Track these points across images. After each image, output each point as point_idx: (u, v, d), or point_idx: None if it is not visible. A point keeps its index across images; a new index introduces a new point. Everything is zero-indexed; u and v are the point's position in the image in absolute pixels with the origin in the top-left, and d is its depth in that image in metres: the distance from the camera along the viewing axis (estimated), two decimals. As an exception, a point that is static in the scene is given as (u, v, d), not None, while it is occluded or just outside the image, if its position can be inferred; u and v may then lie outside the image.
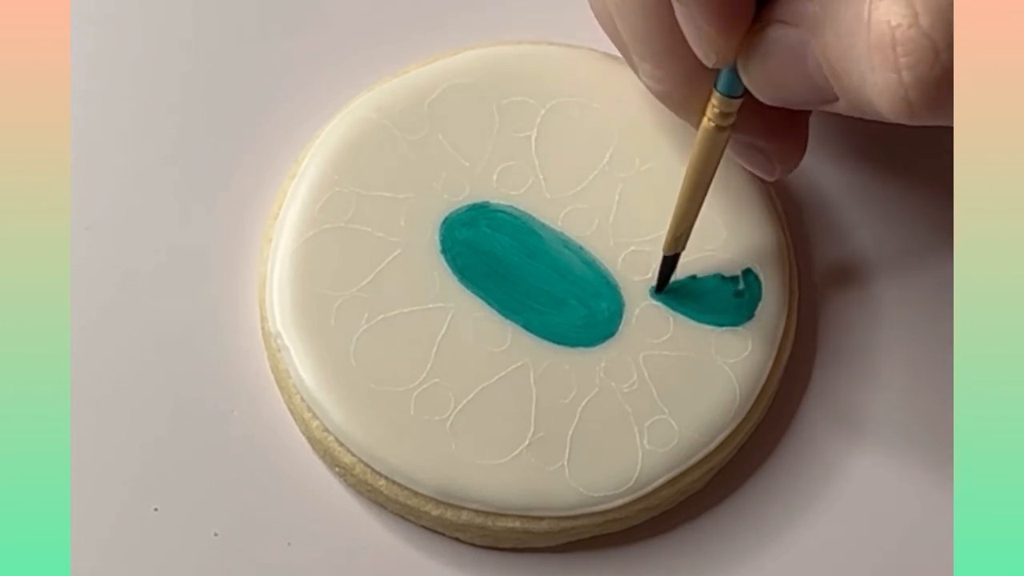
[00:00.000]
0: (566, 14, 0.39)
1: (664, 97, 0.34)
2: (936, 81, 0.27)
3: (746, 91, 0.31)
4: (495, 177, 0.36)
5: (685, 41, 0.31)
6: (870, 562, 0.35)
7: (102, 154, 0.37)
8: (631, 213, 0.36)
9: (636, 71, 0.34)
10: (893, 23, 0.27)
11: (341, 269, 0.35)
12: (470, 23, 0.39)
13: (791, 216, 0.37)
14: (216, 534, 0.34)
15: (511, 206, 0.36)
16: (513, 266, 0.35)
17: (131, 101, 0.38)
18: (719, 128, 0.32)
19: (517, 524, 0.33)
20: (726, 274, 0.35)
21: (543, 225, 0.35)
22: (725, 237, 0.36)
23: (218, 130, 0.38)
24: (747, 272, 0.35)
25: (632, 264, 0.35)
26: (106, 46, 0.38)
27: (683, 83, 0.33)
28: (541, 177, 0.36)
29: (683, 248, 0.34)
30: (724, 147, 0.32)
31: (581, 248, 0.35)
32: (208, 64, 0.38)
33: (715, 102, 0.31)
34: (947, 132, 0.27)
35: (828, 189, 0.38)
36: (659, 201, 0.36)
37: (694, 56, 0.31)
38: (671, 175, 0.36)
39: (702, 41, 0.30)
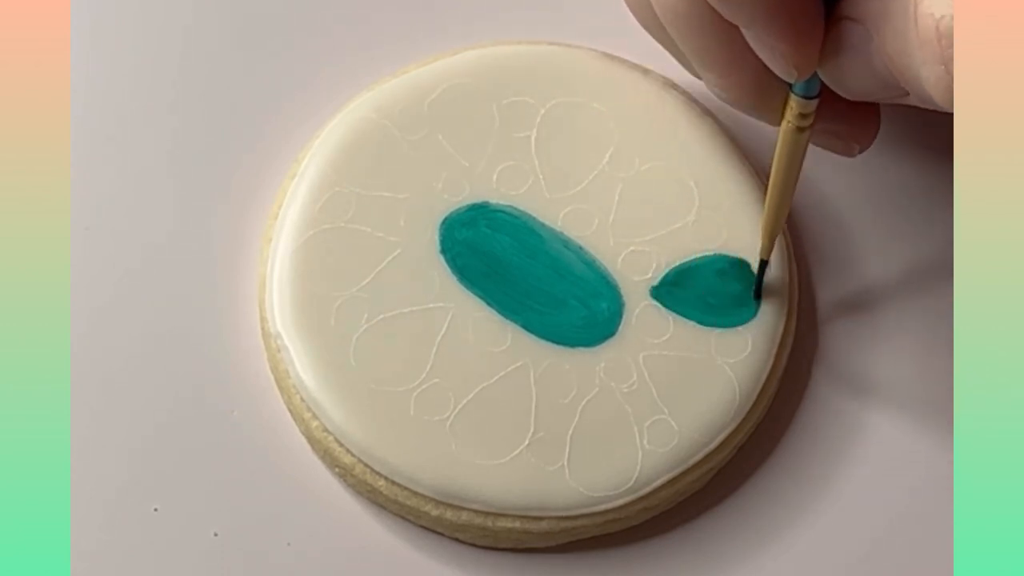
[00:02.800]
0: (566, 14, 0.39)
1: (734, 104, 0.33)
2: None
3: (823, 89, 0.31)
4: (495, 177, 0.36)
5: (748, 49, 0.30)
6: (870, 562, 0.35)
7: (102, 154, 0.37)
8: (631, 213, 0.36)
9: (700, 78, 0.34)
10: (937, 15, 0.26)
11: (341, 269, 0.35)
12: (470, 23, 0.39)
13: (791, 216, 0.37)
14: (216, 534, 0.34)
15: (511, 206, 0.36)
16: (513, 266, 0.35)
17: (131, 101, 0.38)
18: (799, 129, 0.32)
19: (517, 524, 0.33)
20: (726, 274, 0.35)
21: (543, 225, 0.35)
22: (725, 237, 0.36)
23: (218, 130, 0.38)
24: (747, 272, 0.35)
25: (632, 264, 0.35)
26: (106, 46, 0.38)
27: (751, 90, 0.32)
28: (541, 177, 0.36)
29: (770, 253, 0.35)
30: (806, 146, 0.32)
31: (581, 248, 0.35)
32: (208, 64, 0.38)
33: (793, 104, 0.31)
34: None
35: (828, 189, 0.38)
36: (659, 201, 0.36)
37: (759, 61, 0.30)
38: (671, 175, 0.36)
39: (779, 61, 0.30)
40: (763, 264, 0.35)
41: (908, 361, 0.36)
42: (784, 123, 0.32)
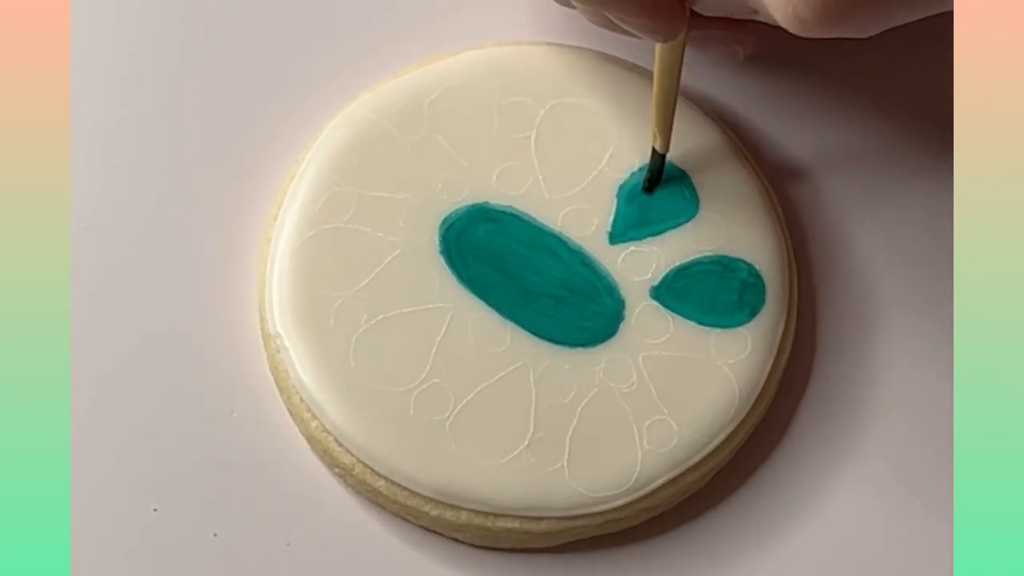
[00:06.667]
0: (566, 15, 0.39)
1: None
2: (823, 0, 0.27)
3: None
4: (495, 177, 0.36)
5: None
6: (870, 562, 0.35)
7: (101, 154, 0.37)
8: (631, 213, 0.36)
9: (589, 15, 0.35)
10: None
11: (341, 269, 0.35)
12: (469, 23, 0.39)
13: (791, 216, 0.37)
14: (216, 534, 0.34)
15: (511, 206, 0.36)
16: (513, 266, 0.35)
17: (130, 101, 0.38)
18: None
19: (516, 524, 0.33)
20: (726, 274, 0.35)
21: (543, 225, 0.35)
22: (725, 237, 0.36)
23: (218, 130, 0.38)
24: (747, 272, 0.35)
25: (632, 264, 0.35)
26: (106, 46, 0.38)
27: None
28: (540, 177, 0.36)
29: (665, 148, 0.35)
30: (684, 40, 0.33)
31: (581, 248, 0.35)
32: (208, 64, 0.38)
33: None
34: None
35: (828, 190, 0.38)
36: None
37: None
38: (671, 175, 0.36)
39: (648, 34, 0.32)
40: (659, 157, 0.35)
41: (908, 361, 0.36)
42: None
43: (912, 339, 0.37)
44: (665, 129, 0.35)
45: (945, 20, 0.28)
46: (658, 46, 0.33)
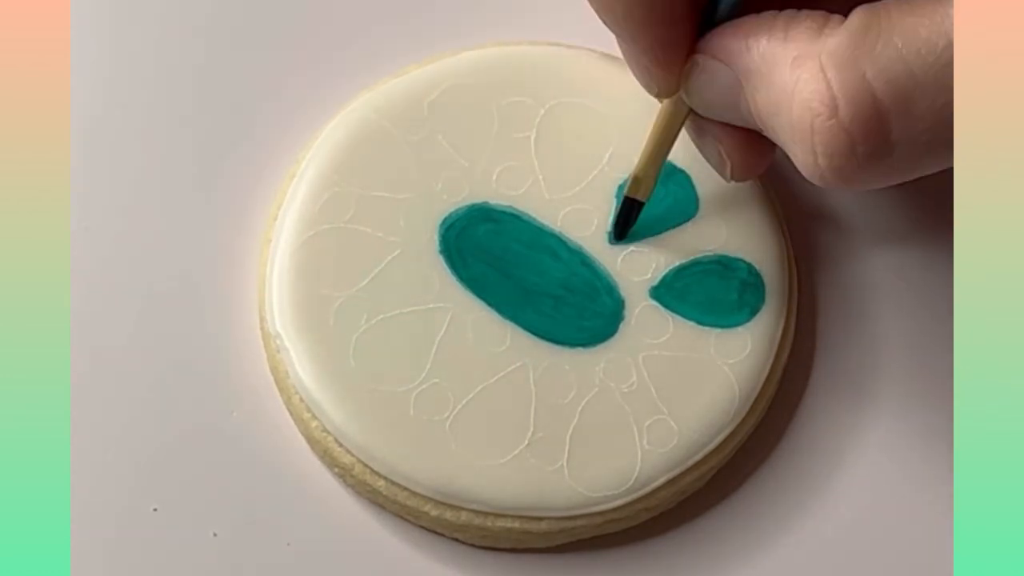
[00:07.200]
0: (566, 14, 0.39)
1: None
2: (851, 169, 0.28)
3: None
4: (495, 177, 0.36)
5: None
6: (870, 562, 0.35)
7: (101, 154, 0.37)
8: (631, 213, 0.36)
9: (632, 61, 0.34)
10: (814, 110, 0.27)
11: (341, 269, 0.35)
12: (470, 23, 0.39)
13: (791, 216, 0.37)
14: (215, 534, 0.34)
15: (510, 206, 0.36)
16: (512, 266, 0.35)
17: (131, 101, 0.38)
18: (682, 101, 0.33)
19: (516, 524, 0.33)
20: (726, 274, 0.35)
21: (543, 225, 0.36)
22: (725, 237, 0.36)
23: (218, 130, 0.38)
24: (747, 272, 0.35)
25: (632, 264, 0.35)
26: (106, 47, 0.38)
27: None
28: (540, 177, 0.36)
29: (646, 197, 0.35)
30: (686, 115, 0.33)
31: (581, 248, 0.35)
32: (208, 64, 0.38)
33: None
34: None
35: (828, 190, 0.38)
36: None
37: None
38: (670, 176, 0.36)
39: (643, 74, 0.32)
40: (638, 206, 0.35)
41: (908, 361, 0.36)
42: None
43: (912, 339, 0.37)
44: (652, 179, 0.35)
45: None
46: (664, 102, 0.33)
